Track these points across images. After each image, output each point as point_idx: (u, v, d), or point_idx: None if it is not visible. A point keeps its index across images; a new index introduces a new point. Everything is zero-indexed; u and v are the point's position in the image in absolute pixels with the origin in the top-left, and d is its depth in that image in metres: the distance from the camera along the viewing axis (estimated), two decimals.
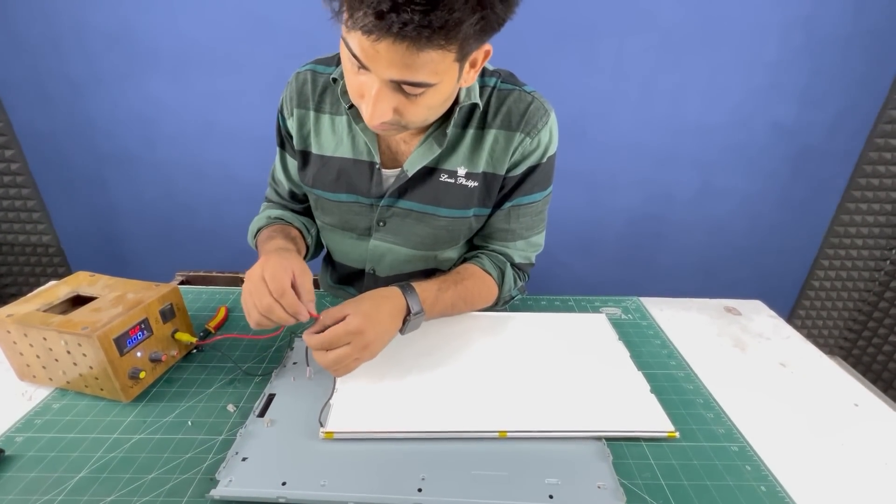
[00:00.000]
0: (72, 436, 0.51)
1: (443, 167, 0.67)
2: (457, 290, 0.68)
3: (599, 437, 0.52)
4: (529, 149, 0.66)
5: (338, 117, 0.68)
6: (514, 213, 0.71)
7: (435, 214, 0.69)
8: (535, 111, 0.65)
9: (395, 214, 0.70)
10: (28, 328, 0.52)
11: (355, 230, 0.74)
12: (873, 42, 1.37)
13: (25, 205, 1.61)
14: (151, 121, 1.48)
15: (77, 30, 1.35)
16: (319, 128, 0.69)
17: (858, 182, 1.58)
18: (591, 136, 1.50)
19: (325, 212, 0.75)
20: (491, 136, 0.66)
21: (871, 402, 0.61)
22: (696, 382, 0.63)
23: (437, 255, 0.75)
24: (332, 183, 0.70)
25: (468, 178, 0.67)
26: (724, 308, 0.82)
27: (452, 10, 0.41)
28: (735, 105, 1.47)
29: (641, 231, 1.68)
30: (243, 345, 0.66)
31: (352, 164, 0.68)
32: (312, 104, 0.69)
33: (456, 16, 0.41)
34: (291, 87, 0.70)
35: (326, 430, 0.50)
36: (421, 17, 0.40)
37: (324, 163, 0.70)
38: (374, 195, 0.69)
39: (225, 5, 1.32)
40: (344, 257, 0.80)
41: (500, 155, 0.66)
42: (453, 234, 0.72)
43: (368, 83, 0.50)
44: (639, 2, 1.31)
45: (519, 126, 0.65)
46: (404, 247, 0.73)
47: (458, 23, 0.42)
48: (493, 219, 0.73)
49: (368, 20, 0.42)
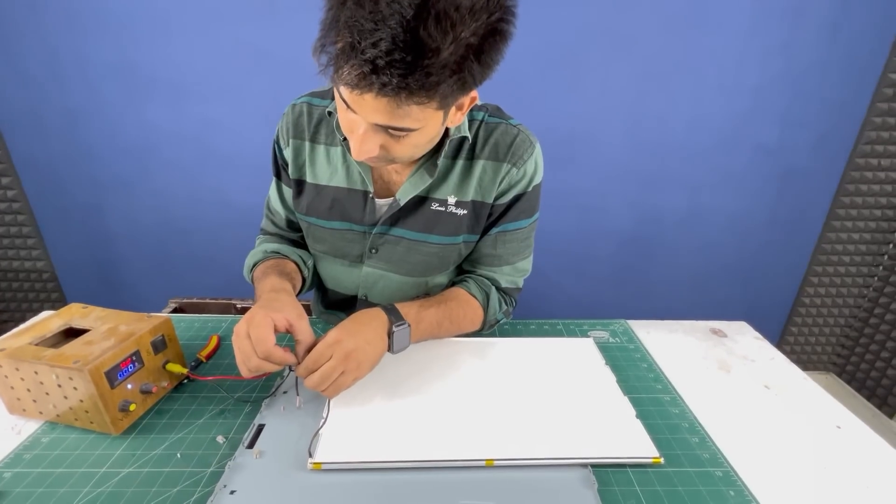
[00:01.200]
0: (60, 470, 0.51)
1: (433, 196, 0.69)
2: (440, 309, 0.70)
3: (585, 463, 0.52)
4: (516, 178, 0.69)
5: (332, 148, 0.71)
6: (500, 239, 0.74)
7: (426, 242, 0.71)
8: (520, 143, 0.68)
9: (387, 242, 0.72)
10: (20, 362, 0.53)
11: (347, 257, 0.76)
12: (849, 67, 1.42)
13: (21, 231, 1.62)
14: (148, 148, 1.51)
15: (79, 62, 1.38)
16: (315, 158, 0.72)
17: (842, 201, 1.62)
18: (580, 159, 1.53)
19: (317, 240, 0.76)
20: (479, 166, 0.69)
21: (854, 425, 0.61)
22: (682, 406, 0.63)
23: (428, 280, 0.77)
24: (327, 211, 0.72)
25: (458, 207, 0.70)
26: (710, 330, 0.83)
27: (430, 73, 0.43)
28: (719, 128, 1.51)
29: (632, 251, 1.70)
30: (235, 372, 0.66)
31: (346, 193, 0.71)
32: (308, 135, 0.71)
33: (433, 79, 0.44)
34: (287, 119, 0.73)
35: (315, 461, 0.51)
36: (399, 79, 0.43)
37: (318, 191, 0.72)
38: (367, 223, 0.71)
39: (221, 36, 1.36)
40: (336, 284, 0.81)
41: (489, 184, 0.69)
42: (444, 261, 0.74)
43: (357, 121, 0.52)
44: (622, 30, 1.36)
45: (506, 157, 0.68)
46: (396, 273, 0.75)
47: (435, 84, 0.45)
48: (480, 244, 0.75)
49: (352, 78, 0.45)
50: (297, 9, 1.34)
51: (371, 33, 0.41)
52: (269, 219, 0.83)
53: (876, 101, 1.46)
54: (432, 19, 0.41)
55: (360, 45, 0.42)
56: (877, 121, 1.48)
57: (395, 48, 0.41)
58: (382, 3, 0.41)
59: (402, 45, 0.41)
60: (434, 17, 0.41)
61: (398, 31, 0.41)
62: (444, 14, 0.41)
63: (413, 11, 0.41)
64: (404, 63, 0.42)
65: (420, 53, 0.42)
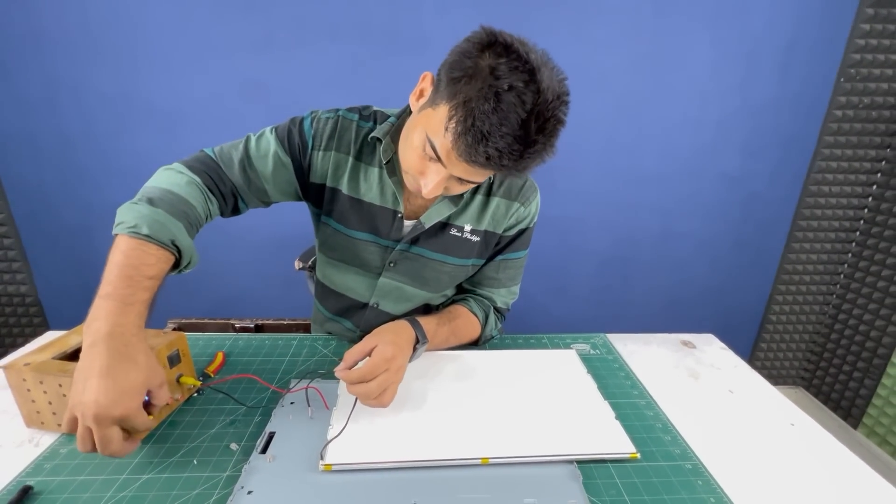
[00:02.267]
0: (82, 478, 0.54)
1: (454, 223, 0.79)
2: (450, 326, 0.79)
3: (571, 460, 0.58)
4: (523, 215, 0.81)
5: (371, 167, 0.76)
6: (502, 266, 0.85)
7: (443, 262, 0.80)
8: (529, 187, 0.81)
9: (406, 258, 0.80)
10: (45, 375, 0.56)
11: (365, 267, 0.82)
12: (798, 104, 1.57)
13: (6, 255, 1.62)
14: (140, 174, 1.51)
15: (75, 89, 1.42)
16: (357, 174, 0.76)
17: (800, 224, 1.75)
18: (561, 186, 1.63)
19: (336, 247, 0.82)
20: (494, 202, 0.79)
21: (805, 422, 0.69)
22: (656, 409, 0.70)
23: (436, 294, 0.85)
24: (357, 222, 0.78)
25: (472, 234, 0.80)
26: (680, 342, 0.91)
27: (528, 158, 0.56)
28: (686, 157, 1.64)
29: (610, 272, 1.79)
30: (242, 387, 0.70)
31: (378, 210, 0.77)
32: (353, 152, 0.75)
33: (529, 161, 0.56)
34: (330, 126, 0.74)
35: (326, 463, 0.55)
36: (513, 163, 0.55)
37: (353, 203, 0.77)
38: (392, 238, 0.78)
39: (217, 67, 1.42)
40: (348, 290, 0.86)
41: (500, 218, 0.80)
42: (453, 279, 0.84)
43: (435, 169, 0.61)
44: (596, 71, 1.49)
45: (517, 197, 0.80)
46: (410, 286, 0.83)
47: (528, 166, 0.57)
48: (484, 268, 0.85)
49: (478, 158, 0.55)
50: (293, 44, 1.42)
51: (498, 128, 0.52)
52: (221, 162, 0.72)
53: (823, 135, 1.61)
54: (535, 120, 0.53)
55: (488, 137, 0.53)
56: (825, 151, 1.64)
57: (514, 141, 0.53)
58: (504, 102, 0.52)
59: (517, 140, 0.53)
60: (536, 118, 0.53)
61: (516, 130, 0.53)
62: (542, 115, 0.53)
63: (526, 115, 0.52)
64: (517, 153, 0.54)
65: (527, 145, 0.54)
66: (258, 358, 0.79)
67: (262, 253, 1.65)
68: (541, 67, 0.53)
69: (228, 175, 0.72)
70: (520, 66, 0.52)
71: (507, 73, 0.52)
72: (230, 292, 1.69)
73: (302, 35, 1.42)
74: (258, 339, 0.85)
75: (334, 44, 1.43)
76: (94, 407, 0.45)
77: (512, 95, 0.52)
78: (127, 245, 0.56)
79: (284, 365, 0.77)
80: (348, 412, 0.62)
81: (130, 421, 0.48)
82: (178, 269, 0.62)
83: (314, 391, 0.67)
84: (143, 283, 0.54)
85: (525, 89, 0.52)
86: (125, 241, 0.56)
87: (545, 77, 0.52)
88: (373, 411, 0.63)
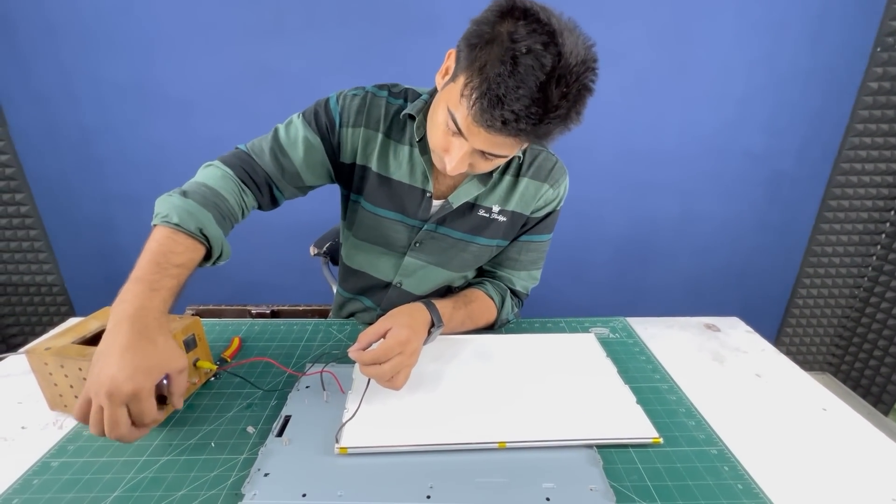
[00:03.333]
0: (104, 459, 0.55)
1: (481, 204, 0.78)
2: (466, 310, 0.78)
3: (590, 444, 0.57)
4: (551, 197, 0.80)
5: (401, 146, 0.75)
6: (525, 247, 0.83)
7: (470, 242, 0.79)
8: (559, 169, 0.80)
9: (432, 238, 0.79)
10: (65, 359, 0.57)
11: (390, 246, 0.81)
12: (829, 77, 1.49)
13: (32, 246, 1.66)
14: (158, 163, 1.55)
15: (93, 82, 1.44)
16: (386, 151, 0.75)
17: (830, 204, 1.68)
18: (576, 166, 1.57)
19: (363, 226, 0.80)
20: (523, 183, 0.78)
21: (838, 406, 0.66)
22: (679, 394, 0.68)
23: (458, 275, 0.85)
24: (386, 200, 0.77)
25: (500, 215, 0.78)
26: (704, 325, 0.88)
27: (549, 123, 0.53)
28: (708, 136, 1.58)
29: (629, 255, 1.75)
30: (258, 371, 0.71)
31: (407, 189, 0.76)
32: (383, 128, 0.74)
33: (550, 127, 0.54)
34: (359, 102, 0.73)
35: (341, 446, 0.55)
36: (532, 128, 0.53)
37: (382, 182, 0.76)
38: (419, 218, 0.78)
39: (230, 55, 1.42)
40: (372, 268, 0.85)
41: (529, 199, 0.79)
42: (478, 259, 0.83)
43: (457, 144, 0.60)
44: (613, 46, 1.43)
45: (547, 178, 0.78)
46: (435, 265, 0.82)
47: (550, 132, 0.55)
48: (507, 249, 0.84)
49: (488, 120, 0.53)
50: (303, 27, 1.40)
51: (515, 91, 0.50)
52: (253, 155, 0.72)
53: (857, 109, 1.53)
54: (555, 83, 0.50)
55: (505, 100, 0.51)
56: (859, 127, 1.55)
57: (532, 104, 0.51)
58: (522, 65, 0.50)
59: (536, 103, 0.51)
60: (557, 81, 0.50)
61: (534, 92, 0.50)
62: (564, 78, 0.51)
63: (545, 77, 0.50)
64: (536, 116, 0.52)
65: (547, 110, 0.52)
66: (274, 343, 0.79)
67: (278, 240, 1.66)
68: (563, 31, 0.50)
69: (261, 165, 0.73)
70: (539, 28, 0.50)
71: (525, 36, 0.50)
72: (248, 279, 1.71)
73: (312, 20, 1.40)
74: (274, 324, 0.85)
75: (344, 27, 1.41)
76: (108, 383, 0.46)
77: (530, 58, 0.50)
78: (159, 234, 0.58)
79: (300, 350, 0.77)
80: (361, 394, 0.62)
81: (140, 403, 0.47)
82: (210, 261, 0.63)
83: (329, 375, 0.67)
84: (171, 270, 0.56)
85: (545, 52, 0.50)
86: (158, 230, 0.58)
87: (568, 41, 0.50)
88: (388, 394, 0.63)
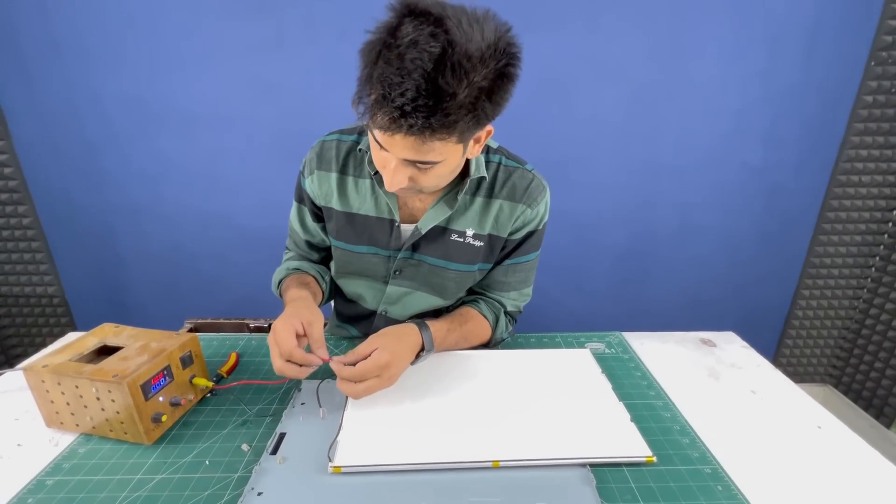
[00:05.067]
0: (98, 478, 0.55)
1: (453, 227, 0.77)
2: (461, 331, 0.77)
3: (584, 463, 0.57)
4: (529, 217, 0.77)
5: (361, 180, 0.77)
6: (511, 270, 0.82)
7: (446, 268, 0.78)
8: (535, 187, 0.76)
9: (410, 265, 0.79)
10: (62, 377, 0.57)
11: (372, 277, 0.82)
12: (825, 90, 1.50)
13: (34, 258, 1.67)
14: (159, 175, 1.57)
15: (96, 95, 1.46)
16: (344, 188, 0.78)
17: (828, 216, 1.68)
18: (575, 178, 1.60)
19: (344, 262, 0.83)
20: (497, 204, 0.76)
21: (834, 425, 0.66)
22: (673, 410, 0.68)
23: (447, 301, 0.84)
24: (356, 236, 0.79)
25: (475, 239, 0.77)
26: (699, 340, 0.88)
27: (448, 113, 0.51)
28: (706, 148, 1.59)
29: (627, 266, 1.75)
30: (254, 388, 0.71)
31: (375, 221, 0.77)
32: (336, 167, 0.77)
33: (452, 118, 0.51)
34: (314, 152, 0.79)
35: (335, 465, 0.55)
36: (424, 120, 0.51)
37: (348, 219, 0.78)
38: (392, 248, 0.78)
39: (231, 70, 1.43)
40: (358, 298, 0.87)
41: (505, 221, 0.77)
42: (460, 285, 0.82)
43: (388, 158, 0.60)
44: (610, 60, 1.45)
45: (522, 198, 0.76)
46: (419, 291, 0.82)
47: (454, 122, 0.52)
48: (493, 272, 0.83)
49: (384, 123, 0.52)
50: (303, 43, 1.42)
51: (399, 85, 0.49)
52: (290, 238, 0.90)
53: (853, 121, 1.54)
54: (448, 69, 0.48)
55: (391, 95, 0.49)
56: (855, 139, 1.56)
57: (419, 95, 0.49)
58: (407, 59, 0.48)
59: (425, 93, 0.49)
60: (450, 68, 0.48)
61: (421, 82, 0.48)
62: (459, 64, 0.49)
63: (432, 65, 0.48)
64: (427, 107, 0.50)
65: (440, 98, 0.49)
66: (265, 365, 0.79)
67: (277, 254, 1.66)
68: (454, 17, 0.49)
69: (303, 250, 0.89)
70: (426, 20, 0.49)
71: (411, 31, 0.49)
72: (246, 293, 1.71)
73: (312, 35, 1.42)
74: None
75: (344, 42, 1.42)
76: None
77: (415, 50, 0.48)
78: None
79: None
80: (357, 414, 0.62)
81: (276, 335, 0.61)
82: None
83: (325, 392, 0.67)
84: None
85: (431, 41, 0.48)
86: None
87: (463, 26, 0.49)
88: (382, 412, 0.63)
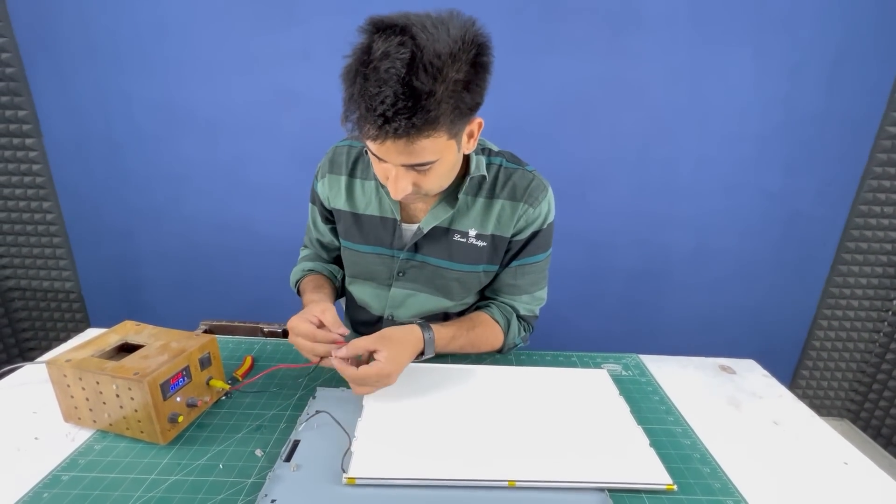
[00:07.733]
0: (113, 475, 0.55)
1: (455, 228, 0.78)
2: (468, 336, 0.78)
3: (602, 487, 0.55)
4: (532, 217, 0.78)
5: (367, 182, 0.81)
6: (519, 272, 0.82)
7: (448, 268, 0.79)
8: (536, 187, 0.77)
9: (413, 266, 0.80)
10: (84, 372, 0.58)
11: (377, 279, 0.84)
12: (847, 119, 1.50)
13: (55, 252, 1.70)
14: (181, 178, 1.60)
15: (125, 98, 1.50)
16: (352, 190, 0.82)
17: (848, 246, 1.66)
18: (590, 198, 1.60)
19: (351, 263, 0.86)
20: (498, 205, 0.77)
21: (860, 461, 0.64)
22: (693, 438, 0.66)
23: (452, 303, 0.84)
24: (361, 236, 0.82)
25: (478, 239, 0.78)
26: (719, 367, 0.86)
27: (429, 110, 0.53)
28: (724, 173, 1.58)
29: (641, 288, 1.73)
30: (269, 392, 0.71)
31: (379, 221, 0.80)
32: (346, 171, 0.82)
33: (433, 114, 0.54)
34: (327, 157, 0.85)
35: (349, 476, 0.54)
36: (406, 121, 0.53)
37: (355, 219, 0.82)
38: (395, 247, 0.80)
39: (257, 78, 1.47)
40: (365, 304, 0.89)
41: (507, 221, 0.78)
42: (465, 286, 0.82)
43: (388, 168, 0.63)
44: (630, 83, 1.46)
45: (523, 198, 0.77)
46: (423, 293, 0.83)
47: (436, 118, 0.54)
48: (501, 275, 0.83)
49: (371, 132, 0.55)
50: (328, 55, 1.45)
51: (378, 95, 0.52)
52: (307, 236, 0.95)
53: (875, 152, 1.53)
54: (421, 70, 0.51)
55: (373, 106, 0.52)
56: (877, 170, 1.55)
57: (398, 100, 0.52)
58: (381, 70, 0.51)
59: (403, 96, 0.52)
60: (423, 69, 0.51)
61: (397, 87, 0.51)
62: (430, 64, 0.51)
63: (405, 70, 0.51)
64: (407, 108, 0.52)
65: (418, 98, 0.52)
66: (286, 363, 0.79)
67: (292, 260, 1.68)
68: (418, 23, 0.52)
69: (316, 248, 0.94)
70: (393, 31, 0.52)
71: (381, 45, 0.52)
72: (259, 297, 1.72)
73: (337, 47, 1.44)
74: (286, 344, 0.86)
75: None
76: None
77: (387, 61, 0.51)
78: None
79: (312, 370, 0.77)
80: (371, 425, 0.62)
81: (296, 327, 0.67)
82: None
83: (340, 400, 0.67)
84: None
85: (401, 48, 0.51)
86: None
87: (427, 30, 0.51)
88: (398, 425, 0.63)
